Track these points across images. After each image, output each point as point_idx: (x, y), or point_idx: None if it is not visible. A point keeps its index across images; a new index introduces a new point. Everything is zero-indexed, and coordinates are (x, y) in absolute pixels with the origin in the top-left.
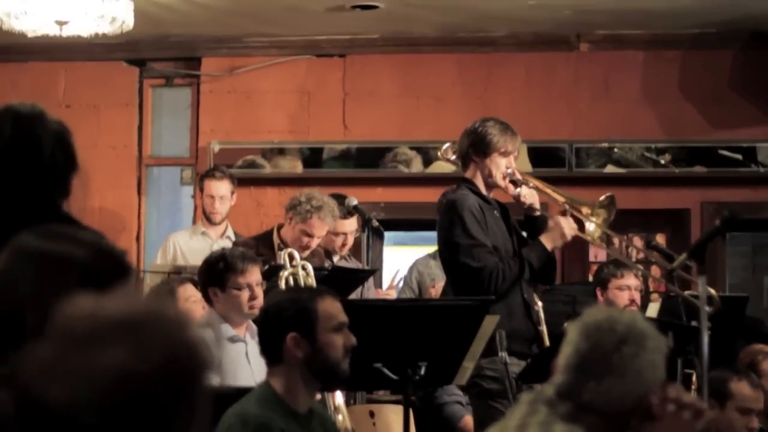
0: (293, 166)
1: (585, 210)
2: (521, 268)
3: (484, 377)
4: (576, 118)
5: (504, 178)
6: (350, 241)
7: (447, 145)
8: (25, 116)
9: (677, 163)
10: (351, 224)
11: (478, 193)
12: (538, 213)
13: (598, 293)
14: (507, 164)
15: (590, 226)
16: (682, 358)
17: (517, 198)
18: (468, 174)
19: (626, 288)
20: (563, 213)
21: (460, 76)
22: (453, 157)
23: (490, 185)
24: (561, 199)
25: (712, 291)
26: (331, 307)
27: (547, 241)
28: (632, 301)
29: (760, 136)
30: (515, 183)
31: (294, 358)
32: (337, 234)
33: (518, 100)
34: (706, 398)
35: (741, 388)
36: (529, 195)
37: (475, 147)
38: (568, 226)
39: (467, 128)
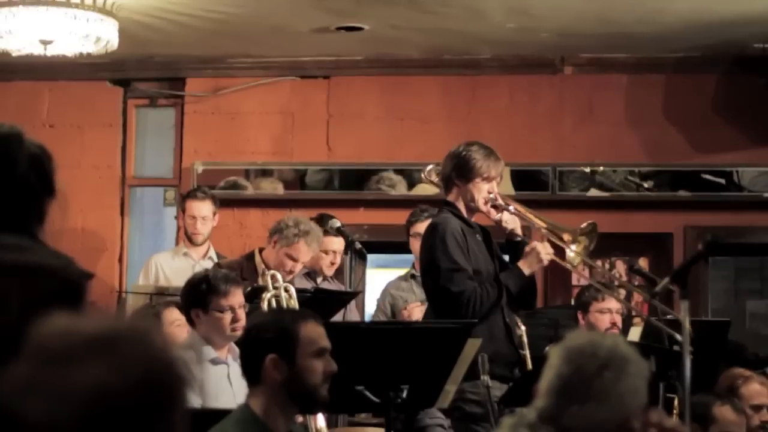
0: (276, 187)
1: (566, 237)
2: (499, 293)
3: (466, 401)
4: (559, 141)
5: (486, 203)
6: (338, 260)
7: (431, 166)
8: (1, 136)
9: (660, 187)
10: (339, 242)
11: (460, 217)
12: (519, 238)
13: (580, 316)
14: (489, 189)
15: (570, 254)
16: (664, 383)
17: (498, 223)
18: (450, 197)
19: (607, 311)
20: (541, 238)
21: (444, 99)
22: (436, 180)
23: (472, 209)
24: (542, 224)
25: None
26: (313, 332)
27: (525, 266)
28: (614, 324)
29: (743, 160)
30: (497, 208)
31: (272, 380)
32: (327, 252)
33: (502, 123)
34: (688, 423)
35: (724, 412)
36: (510, 220)
37: (458, 171)
38: (545, 251)
39: (451, 151)
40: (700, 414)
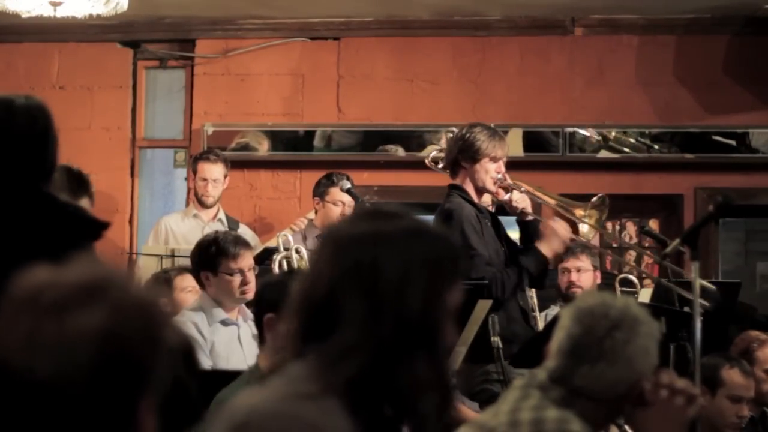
0: (287, 148)
1: (578, 212)
2: (520, 277)
3: (492, 381)
4: (570, 103)
5: (494, 183)
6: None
7: (433, 153)
8: (41, 108)
9: (671, 149)
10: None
11: (470, 201)
12: (530, 217)
13: None
14: (497, 169)
15: (584, 227)
16: (674, 344)
17: (508, 203)
18: (458, 180)
19: (564, 271)
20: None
21: (454, 60)
22: (440, 166)
23: (481, 191)
24: (552, 202)
25: (711, 286)
26: None
27: (545, 248)
28: (571, 283)
29: (754, 121)
30: (506, 188)
31: (272, 339)
32: (335, 203)
33: (512, 85)
34: (698, 383)
35: (732, 376)
36: (520, 199)
37: (464, 153)
38: (562, 228)
39: (454, 135)
40: (708, 377)
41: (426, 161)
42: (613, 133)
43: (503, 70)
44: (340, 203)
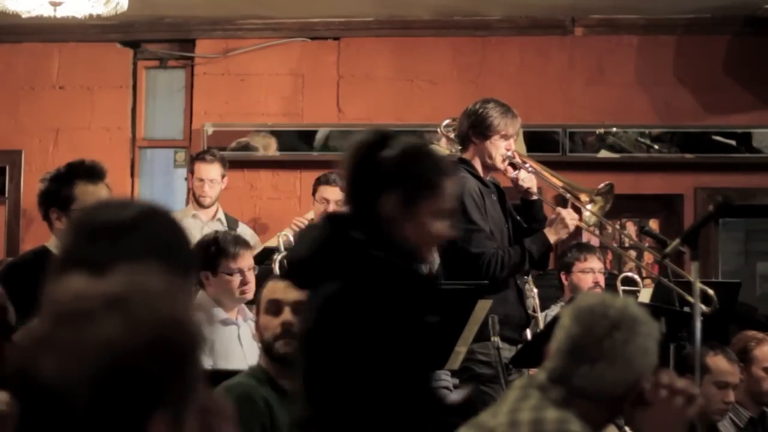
0: (286, 148)
1: (583, 197)
2: (522, 258)
3: (475, 361)
4: (570, 103)
5: (503, 160)
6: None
7: (447, 121)
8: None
9: (671, 149)
10: (336, 192)
11: (476, 176)
12: (534, 197)
13: (563, 277)
14: (507, 146)
15: (586, 213)
16: (674, 344)
17: (515, 181)
18: (467, 155)
19: (590, 271)
20: (563, 203)
21: (454, 60)
22: (452, 135)
23: (489, 167)
24: (559, 183)
25: (710, 291)
26: (268, 290)
27: (551, 233)
28: (596, 284)
29: (754, 121)
30: (514, 166)
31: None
32: (321, 201)
33: (513, 84)
34: (698, 382)
35: (717, 362)
36: (527, 179)
37: (475, 129)
38: (570, 217)
39: (468, 109)
40: (693, 365)
41: (438, 130)
42: (613, 130)
43: (503, 70)
44: (324, 201)
